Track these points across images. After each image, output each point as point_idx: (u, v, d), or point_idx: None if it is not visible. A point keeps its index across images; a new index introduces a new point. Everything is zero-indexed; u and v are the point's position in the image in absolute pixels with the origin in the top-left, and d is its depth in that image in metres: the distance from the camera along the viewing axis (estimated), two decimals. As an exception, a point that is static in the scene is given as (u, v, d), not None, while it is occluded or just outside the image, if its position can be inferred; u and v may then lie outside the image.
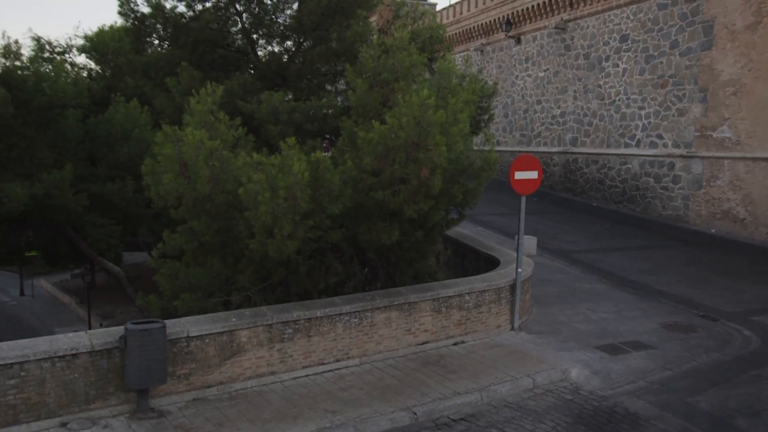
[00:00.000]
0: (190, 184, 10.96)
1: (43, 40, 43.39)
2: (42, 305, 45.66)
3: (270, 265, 12.00)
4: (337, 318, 12.31)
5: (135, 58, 17.28)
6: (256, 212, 10.18)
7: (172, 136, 10.95)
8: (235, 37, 17.46)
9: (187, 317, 11.18)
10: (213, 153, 10.55)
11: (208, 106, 11.32)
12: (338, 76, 17.32)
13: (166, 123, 14.03)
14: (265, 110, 14.36)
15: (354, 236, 12.65)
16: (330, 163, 10.97)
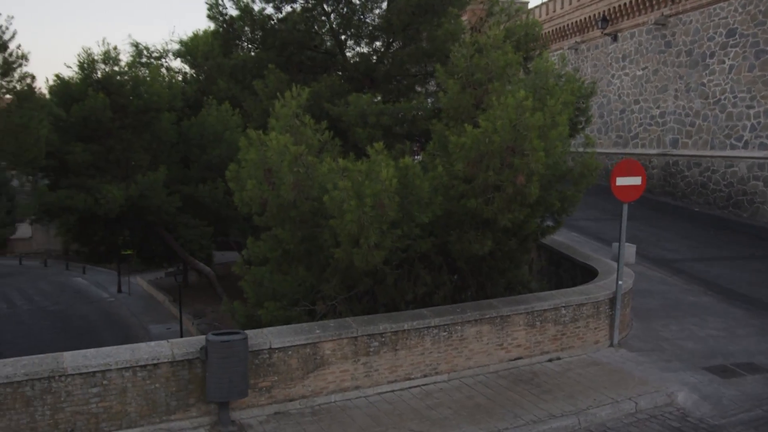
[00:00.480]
0: (274, 190, 10.59)
1: (141, 46, 44.92)
2: (138, 302, 47.02)
3: (356, 275, 11.53)
4: (426, 331, 11.71)
5: (223, 62, 17.22)
6: (342, 221, 9.70)
7: (256, 141, 10.62)
8: (323, 39, 17.15)
9: (269, 328, 10.82)
10: (297, 158, 10.14)
11: (293, 110, 10.93)
12: (428, 77, 16.73)
13: (254, 126, 13.79)
14: (352, 113, 13.93)
15: (444, 245, 12.02)
16: (419, 169, 10.38)
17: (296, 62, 16.72)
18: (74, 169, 31.28)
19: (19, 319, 42.58)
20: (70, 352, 9.55)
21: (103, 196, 29.29)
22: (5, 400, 8.88)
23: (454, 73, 12.20)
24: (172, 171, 34.24)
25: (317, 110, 14.30)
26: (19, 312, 44.35)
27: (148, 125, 32.58)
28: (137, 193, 30.41)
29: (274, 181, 10.56)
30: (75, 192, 30.38)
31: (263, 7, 16.74)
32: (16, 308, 45.43)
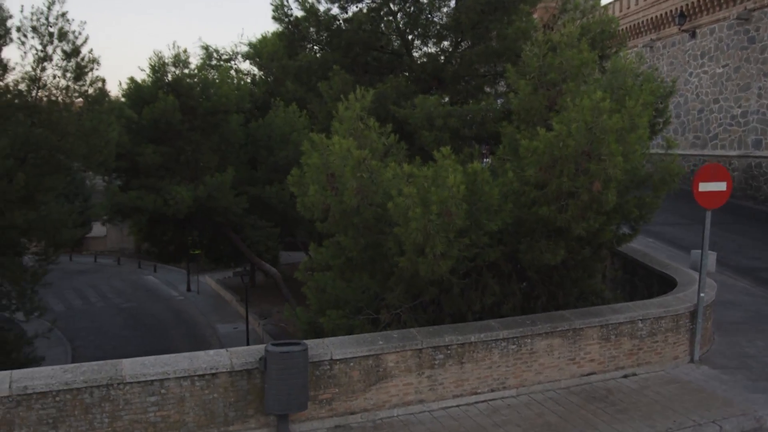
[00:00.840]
0: (337, 196, 10.24)
1: (211, 48, 45.58)
2: (206, 301, 47.67)
3: (421, 284, 11.09)
4: (494, 344, 11.19)
5: (288, 63, 17.04)
6: (407, 229, 9.27)
7: (318, 144, 10.28)
8: (389, 39, 16.77)
9: (331, 338, 10.48)
10: (361, 163, 9.76)
11: (357, 113, 10.56)
12: (498, 78, 16.15)
13: (319, 128, 13.51)
14: (419, 115, 13.48)
15: (513, 254, 11.45)
16: (488, 174, 9.85)
17: (362, 63, 16.38)
18: (145, 171, 31.81)
19: (93, 315, 43.71)
20: (129, 360, 9.41)
21: (172, 197, 29.67)
22: (65, 407, 8.79)
23: (526, 73, 11.61)
24: (240, 172, 34.48)
25: (383, 112, 13.91)
26: (93, 309, 45.53)
27: (217, 127, 32.87)
28: (205, 194, 30.69)
29: (337, 187, 10.21)
30: (145, 193, 30.87)
31: (329, 7, 16.49)
32: (90, 305, 46.65)
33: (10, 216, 17.58)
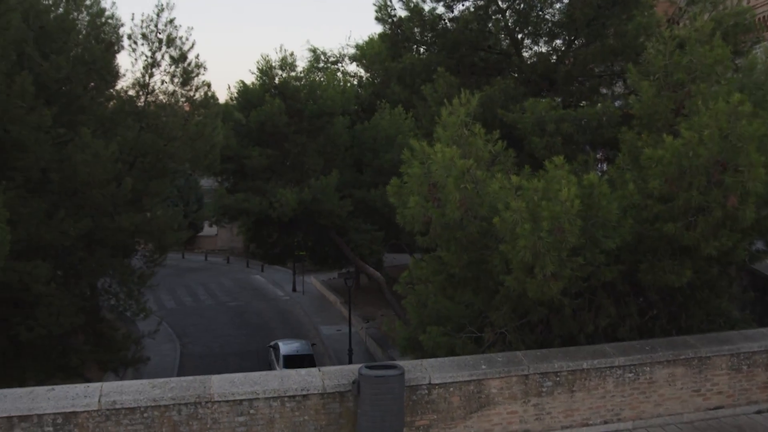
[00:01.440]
0: (439, 208, 9.53)
1: (318, 51, 45.81)
2: (310, 302, 47.99)
3: (529, 304, 10.22)
4: (608, 371, 10.19)
5: (391, 65, 16.49)
6: (514, 246, 8.46)
7: (419, 153, 9.60)
8: (497, 38, 15.88)
9: (430, 360, 9.78)
10: (465, 174, 9.01)
11: (462, 118, 9.80)
12: (614, 78, 14.96)
13: (423, 133, 12.86)
14: (529, 120, 12.57)
15: (632, 273, 10.39)
16: (607, 187, 8.86)
17: (468, 64, 15.59)
18: (251, 173, 32.15)
19: (202, 313, 44.80)
20: (218, 377, 9.04)
21: (277, 199, 29.80)
22: (152, 424, 8.51)
23: (649, 74, 10.50)
24: (345, 175, 34.34)
25: (489, 117, 13.09)
26: (202, 306, 46.69)
27: (322, 129, 32.84)
28: (310, 197, 30.67)
29: (439, 198, 9.50)
30: (251, 195, 31.17)
31: (434, 6, 15.81)
32: (199, 302, 47.87)
33: (119, 219, 17.88)
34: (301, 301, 47.87)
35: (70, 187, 17.41)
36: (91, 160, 16.75)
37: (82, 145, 16.73)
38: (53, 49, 17.31)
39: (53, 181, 17.03)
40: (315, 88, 32.02)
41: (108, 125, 18.13)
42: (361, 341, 38.22)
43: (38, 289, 16.94)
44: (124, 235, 18.63)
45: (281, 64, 31.77)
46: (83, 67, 17.59)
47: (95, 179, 17.08)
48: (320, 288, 51.22)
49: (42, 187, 17.19)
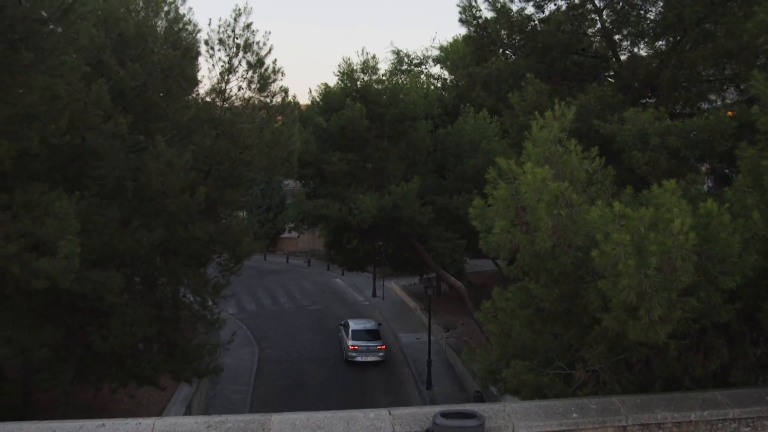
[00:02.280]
0: (528, 235, 8.42)
1: (402, 53, 45.08)
2: (390, 307, 47.24)
3: (628, 343, 8.98)
4: (720, 425, 8.84)
5: (475, 70, 15.42)
6: (615, 284, 7.28)
7: (507, 172, 8.52)
8: (591, 40, 14.54)
9: (513, 405, 8.67)
10: (559, 198, 7.87)
11: (555, 134, 8.66)
12: (726, 84, 13.42)
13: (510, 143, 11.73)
14: (629, 132, 11.25)
15: (751, 312, 9.01)
16: (727, 217, 7.56)
17: (559, 69, 14.34)
18: (331, 178, 31.59)
19: (281, 316, 44.68)
20: (278, 417, 8.21)
21: (357, 206, 29.11)
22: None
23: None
24: (427, 180, 33.39)
25: (584, 127, 11.85)
26: (282, 310, 46.60)
27: (404, 134, 31.99)
28: (390, 204, 29.86)
29: (528, 223, 8.39)
30: (330, 201, 30.62)
31: (522, 6, 14.62)
32: (279, 305, 47.82)
33: (192, 229, 17.47)
34: (380, 307, 47.17)
35: (144, 195, 17.08)
36: (164, 169, 16.37)
37: (156, 154, 16.37)
38: (130, 56, 17.03)
39: (128, 190, 16.73)
40: (397, 92, 31.17)
41: (184, 133, 17.74)
42: (441, 350, 37.20)
43: (111, 300, 16.69)
44: (198, 244, 18.20)
45: (363, 67, 31.07)
46: (160, 74, 17.24)
47: (169, 188, 16.69)
48: (400, 293, 50.42)
49: (116, 195, 16.93)
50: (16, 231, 13.70)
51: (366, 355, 33.77)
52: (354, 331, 34.21)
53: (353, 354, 33.76)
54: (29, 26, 10.53)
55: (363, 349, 33.73)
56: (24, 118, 13.08)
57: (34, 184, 14.57)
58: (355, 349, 33.67)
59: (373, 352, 33.84)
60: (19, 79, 11.43)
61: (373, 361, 33.89)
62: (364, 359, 33.82)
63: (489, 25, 14.81)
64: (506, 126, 14.64)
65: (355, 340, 33.81)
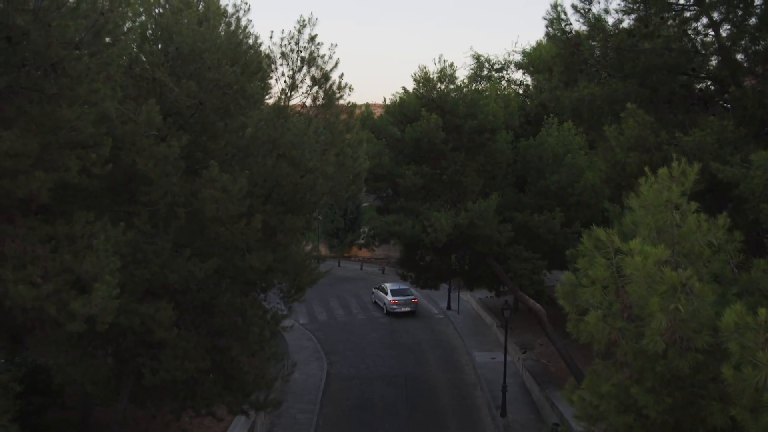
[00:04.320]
0: (633, 328, 6.56)
1: (482, 58, 43.06)
2: (465, 322, 45.41)
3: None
4: None
5: (564, 94, 13.43)
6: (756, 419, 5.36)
7: (605, 245, 6.67)
8: (706, 59, 12.32)
9: None
10: (678, 290, 6.00)
11: (673, 200, 6.75)
12: None
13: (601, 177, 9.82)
14: (758, 179, 9.13)
15: None
16: None
17: (664, 95, 12.20)
18: (404, 193, 29.95)
19: (352, 329, 43.50)
20: None
21: (431, 224, 27.36)
22: None
23: None
24: (506, 195, 31.35)
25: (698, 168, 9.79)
26: (353, 321, 45.44)
27: (483, 146, 30.01)
28: (466, 222, 27.98)
29: (632, 314, 6.53)
30: (403, 217, 28.97)
31: (620, 18, 12.50)
32: (351, 316, 46.69)
33: (249, 258, 16.17)
34: (455, 321, 45.38)
35: (197, 222, 15.88)
36: (218, 195, 15.10)
37: (209, 179, 15.11)
38: (186, 73, 15.85)
39: (180, 217, 15.55)
40: (475, 102, 29.23)
41: (241, 155, 16.46)
42: (517, 372, 35.19)
43: (161, 334, 15.57)
44: (256, 274, 16.91)
45: (440, 77, 29.27)
46: (217, 92, 16.00)
47: (224, 215, 15.42)
48: (476, 307, 48.44)
49: (168, 222, 15.79)
50: (54, 267, 12.66)
51: (403, 307, 45.45)
52: (393, 290, 46.31)
53: (394, 306, 45.43)
54: (54, 52, 9.34)
55: (402, 303, 45.44)
56: (62, 146, 11.99)
57: (79, 213, 13.53)
58: (396, 302, 45.37)
59: (408, 304, 45.67)
60: (48, 109, 10.27)
61: (409, 310, 45.67)
62: (402, 309, 45.37)
63: (581, 41, 12.80)
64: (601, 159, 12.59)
65: (395, 296, 45.67)
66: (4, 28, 9.24)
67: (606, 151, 12.19)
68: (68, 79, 9.86)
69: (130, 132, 14.85)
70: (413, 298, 46.27)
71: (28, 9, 9.46)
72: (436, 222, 27.34)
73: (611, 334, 6.81)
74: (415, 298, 46.35)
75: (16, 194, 11.34)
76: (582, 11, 12.80)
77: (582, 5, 12.57)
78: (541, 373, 33.36)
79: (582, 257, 7.41)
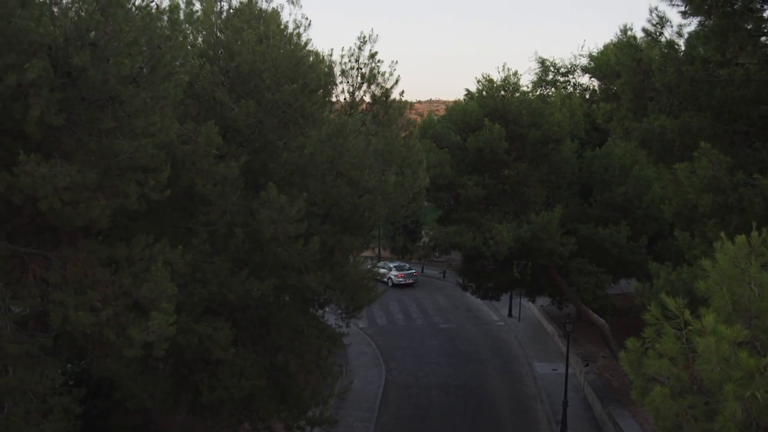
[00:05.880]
0: (702, 406, 6.10)
1: (547, 62, 42.14)
2: (526, 330, 44.64)
3: None
4: None
5: (632, 125, 12.78)
6: None
7: (675, 318, 6.21)
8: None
9: None
10: (755, 377, 5.52)
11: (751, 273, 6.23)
12: None
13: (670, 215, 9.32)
14: None
15: None
16: None
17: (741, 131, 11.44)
18: (466, 203, 29.49)
19: (412, 334, 43.23)
20: None
21: (492, 236, 26.86)
22: None
23: None
24: (570, 206, 30.59)
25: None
26: (413, 327, 45.15)
27: (547, 156, 29.35)
28: (529, 235, 27.39)
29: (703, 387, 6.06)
30: (464, 228, 28.53)
31: (694, 44, 11.73)
32: (411, 321, 46.40)
33: (306, 278, 16.08)
34: (516, 329, 44.61)
35: (255, 242, 15.86)
36: (276, 216, 15.03)
37: (267, 200, 15.06)
38: (245, 92, 15.82)
39: (238, 236, 15.55)
40: (540, 111, 28.56)
41: (300, 174, 16.35)
42: (578, 386, 34.31)
43: (218, 354, 15.62)
44: (313, 293, 16.81)
45: (504, 85, 28.69)
46: (277, 111, 15.93)
47: (281, 236, 15.35)
48: (538, 315, 47.55)
49: (226, 241, 15.81)
50: (114, 291, 12.77)
51: (407, 279, 55.35)
52: (396, 267, 56.16)
53: (400, 279, 54.99)
54: (111, 88, 9.34)
55: (405, 276, 55.30)
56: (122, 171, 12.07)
57: (138, 236, 13.63)
58: (401, 276, 55.00)
59: (410, 277, 55.75)
60: (106, 141, 10.30)
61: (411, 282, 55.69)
62: (406, 281, 55.13)
63: (651, 69, 12.10)
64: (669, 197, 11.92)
65: (399, 271, 55.50)
66: (64, 65, 9.30)
67: (676, 185, 11.54)
68: (125, 113, 9.88)
69: (189, 152, 14.89)
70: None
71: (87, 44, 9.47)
72: (497, 234, 26.85)
73: (678, 413, 6.34)
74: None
75: (76, 222, 11.44)
76: (653, 35, 12.15)
77: (654, 29, 11.92)
78: (603, 387, 32.47)
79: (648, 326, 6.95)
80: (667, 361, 6.32)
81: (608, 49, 38.19)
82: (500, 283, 34.01)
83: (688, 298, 6.32)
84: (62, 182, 10.01)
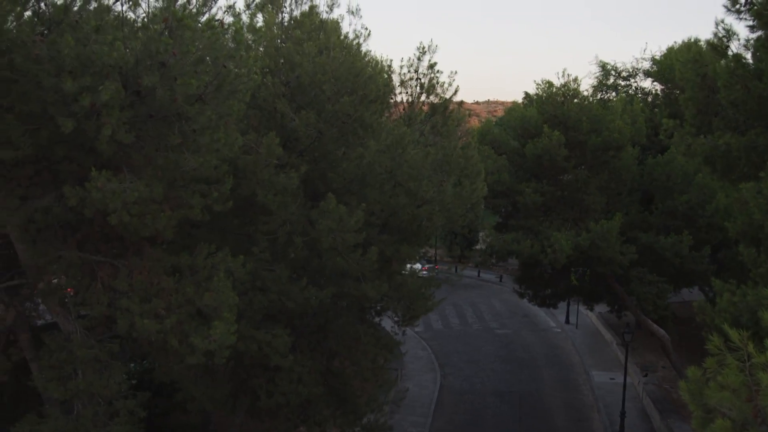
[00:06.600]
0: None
1: (608, 66, 41.45)
2: (583, 338, 44.04)
3: None
4: None
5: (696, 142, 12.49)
6: None
7: (738, 350, 6.12)
8: None
9: None
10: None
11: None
12: None
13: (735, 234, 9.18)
14: None
15: None
16: None
17: (813, 147, 11.13)
18: (524, 210, 29.25)
19: (467, 339, 43.13)
20: None
21: (550, 244, 26.58)
22: None
23: None
24: (630, 214, 30.04)
25: None
26: (469, 331, 45.05)
27: (607, 164, 28.89)
28: (587, 243, 27.00)
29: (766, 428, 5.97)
30: (522, 236, 28.29)
31: (762, 59, 11.40)
32: (467, 326, 46.32)
33: (363, 287, 16.24)
34: (573, 336, 44.04)
35: (314, 251, 16.10)
36: (335, 226, 15.23)
37: (326, 210, 15.27)
38: (305, 102, 16.08)
39: (297, 245, 15.82)
40: (600, 118, 28.11)
41: (358, 184, 16.53)
42: (637, 396, 33.73)
43: (277, 360, 15.91)
44: (371, 302, 16.98)
45: (563, 91, 28.34)
46: (336, 122, 16.15)
47: (339, 246, 15.55)
48: (595, 322, 46.85)
49: (286, 250, 16.09)
50: (177, 300, 13.15)
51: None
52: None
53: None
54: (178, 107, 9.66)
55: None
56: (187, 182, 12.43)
57: (201, 245, 14.00)
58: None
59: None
60: (172, 157, 10.65)
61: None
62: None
63: (717, 87, 11.80)
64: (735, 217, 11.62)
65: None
66: (134, 85, 9.65)
67: (742, 204, 11.26)
68: (191, 129, 10.19)
69: (251, 163, 15.21)
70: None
71: (156, 63, 9.80)
72: (555, 242, 26.56)
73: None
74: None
75: (143, 233, 11.83)
76: (719, 48, 11.83)
77: (719, 42, 11.62)
78: (662, 399, 31.89)
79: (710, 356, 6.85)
80: (729, 393, 6.24)
81: (671, 53, 37.45)
82: (558, 291, 33.58)
83: (753, 328, 6.20)
84: (131, 197, 10.40)
